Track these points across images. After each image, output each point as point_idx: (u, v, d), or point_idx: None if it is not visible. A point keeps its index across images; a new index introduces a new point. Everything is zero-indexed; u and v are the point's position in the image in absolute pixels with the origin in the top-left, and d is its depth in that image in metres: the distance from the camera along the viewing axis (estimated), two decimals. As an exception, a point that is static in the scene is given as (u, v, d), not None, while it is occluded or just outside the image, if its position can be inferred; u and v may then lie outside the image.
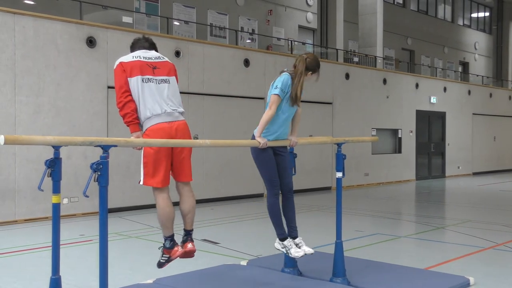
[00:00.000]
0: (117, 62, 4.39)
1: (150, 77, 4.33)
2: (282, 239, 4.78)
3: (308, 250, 4.73)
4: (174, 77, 4.51)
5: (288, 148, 5.07)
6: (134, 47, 4.62)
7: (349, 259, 5.54)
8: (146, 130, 4.28)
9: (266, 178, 4.79)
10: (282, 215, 4.85)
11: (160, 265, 4.60)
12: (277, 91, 4.63)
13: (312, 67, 4.80)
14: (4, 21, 8.98)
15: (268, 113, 4.61)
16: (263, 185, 5.27)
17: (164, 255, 4.53)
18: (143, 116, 4.27)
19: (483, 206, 12.17)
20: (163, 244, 4.53)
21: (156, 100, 4.29)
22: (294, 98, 4.69)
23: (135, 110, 4.27)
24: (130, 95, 4.27)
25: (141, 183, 4.37)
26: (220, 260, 6.22)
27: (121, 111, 4.28)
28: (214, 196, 12.07)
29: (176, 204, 4.58)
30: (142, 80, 4.28)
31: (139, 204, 10.52)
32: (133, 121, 4.25)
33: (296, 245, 4.76)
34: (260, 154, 4.75)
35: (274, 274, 5.35)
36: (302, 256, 4.71)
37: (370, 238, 7.89)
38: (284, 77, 4.74)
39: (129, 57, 4.40)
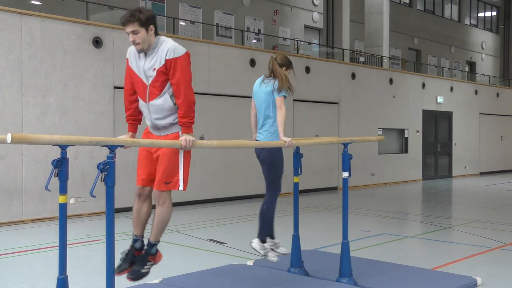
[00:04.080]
0: (183, 50, 4.00)
1: None
2: (264, 240, 4.94)
3: (284, 250, 5.02)
4: None
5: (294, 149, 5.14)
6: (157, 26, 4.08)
7: (356, 259, 5.52)
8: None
9: (278, 179, 4.94)
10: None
11: (143, 275, 4.09)
12: (283, 93, 4.85)
13: (285, 63, 5.01)
14: (11, 21, 9.02)
15: (284, 113, 4.79)
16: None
17: (148, 263, 4.11)
18: None
19: (490, 206, 12.12)
20: (149, 251, 4.12)
21: None
22: (291, 90, 4.95)
23: None
24: None
25: (181, 188, 4.02)
26: (226, 260, 6.22)
27: (193, 112, 4.03)
28: (221, 196, 12.08)
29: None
30: None
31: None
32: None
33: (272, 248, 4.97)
34: (281, 155, 4.91)
35: (280, 274, 5.35)
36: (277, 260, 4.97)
37: (377, 238, 7.87)
38: (277, 81, 4.91)
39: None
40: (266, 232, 4.95)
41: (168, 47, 3.95)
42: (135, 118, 4.22)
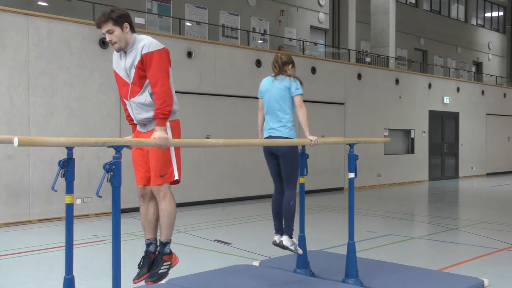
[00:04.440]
0: (160, 45, 3.93)
1: None
2: (292, 235, 5.02)
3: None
4: None
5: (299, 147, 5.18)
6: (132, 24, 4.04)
7: (362, 260, 5.51)
8: (174, 121, 4.03)
9: (297, 174, 5.06)
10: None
11: (162, 276, 3.99)
12: (301, 91, 5.00)
13: (290, 61, 5.18)
14: (19, 22, 9.06)
15: (305, 112, 4.97)
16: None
17: (165, 263, 4.01)
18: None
19: (497, 207, 12.06)
20: (162, 251, 4.03)
21: None
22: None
23: None
24: None
25: (177, 177, 4.00)
26: (232, 261, 6.22)
27: (169, 106, 3.86)
28: (227, 197, 12.08)
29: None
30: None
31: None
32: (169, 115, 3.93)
33: None
34: (297, 152, 5.03)
35: (286, 275, 5.34)
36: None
37: (383, 239, 7.86)
38: (292, 79, 5.05)
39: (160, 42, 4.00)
40: (292, 228, 5.03)
41: (144, 43, 3.92)
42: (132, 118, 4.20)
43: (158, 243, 4.12)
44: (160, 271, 3.97)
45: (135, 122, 4.14)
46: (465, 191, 16.10)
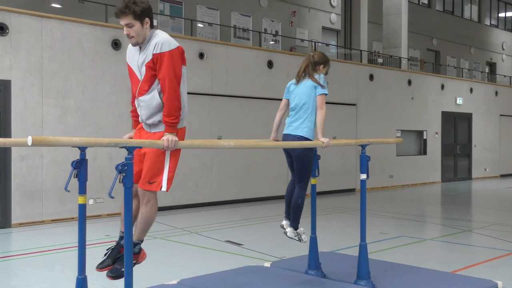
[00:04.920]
0: (173, 44, 3.76)
1: None
2: (297, 228, 5.12)
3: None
4: None
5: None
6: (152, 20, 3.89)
7: (374, 261, 5.48)
8: (180, 129, 3.88)
9: (308, 176, 5.07)
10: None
11: (123, 274, 3.84)
12: (325, 91, 4.92)
13: (322, 61, 5.06)
14: (32, 24, 9.14)
15: (324, 113, 4.87)
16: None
17: None
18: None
19: (510, 209, 11.95)
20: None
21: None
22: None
23: None
24: None
25: (164, 189, 3.88)
26: (243, 262, 6.22)
27: (177, 111, 3.76)
28: (238, 198, 12.09)
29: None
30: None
31: (163, 205, 10.58)
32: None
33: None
34: (311, 153, 5.03)
35: (297, 276, 5.33)
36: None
37: (395, 240, 7.82)
38: (322, 77, 5.00)
39: (175, 40, 3.80)
40: (298, 221, 5.12)
41: (157, 40, 3.76)
42: (137, 115, 4.12)
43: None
44: (122, 269, 3.87)
45: (140, 121, 4.07)
46: (478, 192, 15.97)
